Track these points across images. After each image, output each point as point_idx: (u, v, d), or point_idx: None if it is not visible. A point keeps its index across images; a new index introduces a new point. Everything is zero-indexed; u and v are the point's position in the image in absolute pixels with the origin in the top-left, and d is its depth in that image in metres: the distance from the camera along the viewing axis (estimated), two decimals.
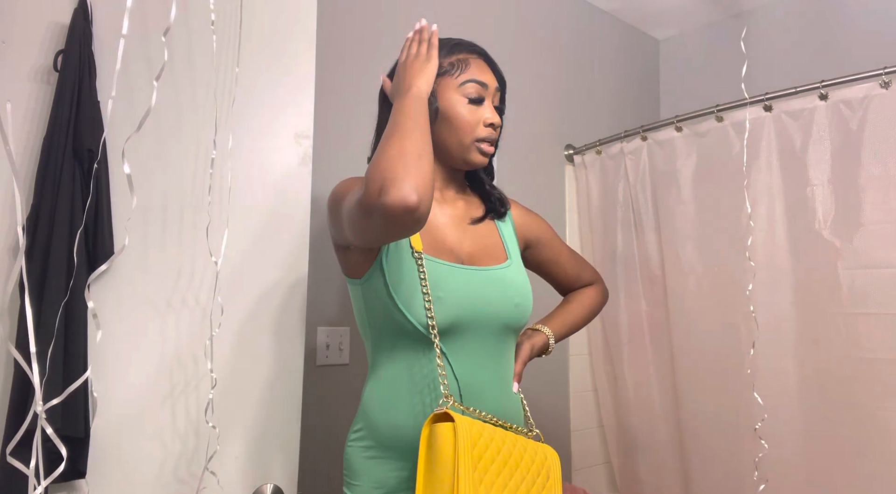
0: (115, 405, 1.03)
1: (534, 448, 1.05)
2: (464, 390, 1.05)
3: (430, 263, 1.06)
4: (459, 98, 1.10)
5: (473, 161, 1.13)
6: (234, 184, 1.15)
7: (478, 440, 0.94)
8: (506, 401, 1.12)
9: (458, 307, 1.05)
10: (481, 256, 1.15)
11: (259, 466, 1.16)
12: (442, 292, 1.04)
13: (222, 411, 1.11)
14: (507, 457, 0.97)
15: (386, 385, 1.08)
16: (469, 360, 1.07)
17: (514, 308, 1.12)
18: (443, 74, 1.11)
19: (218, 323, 1.10)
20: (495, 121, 1.12)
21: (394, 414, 1.06)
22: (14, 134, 0.97)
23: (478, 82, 1.11)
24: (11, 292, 0.94)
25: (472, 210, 1.21)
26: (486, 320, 1.08)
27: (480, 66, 1.13)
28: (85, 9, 1.03)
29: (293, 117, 1.26)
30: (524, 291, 1.15)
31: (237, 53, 1.18)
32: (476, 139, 1.11)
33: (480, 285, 1.09)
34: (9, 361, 0.94)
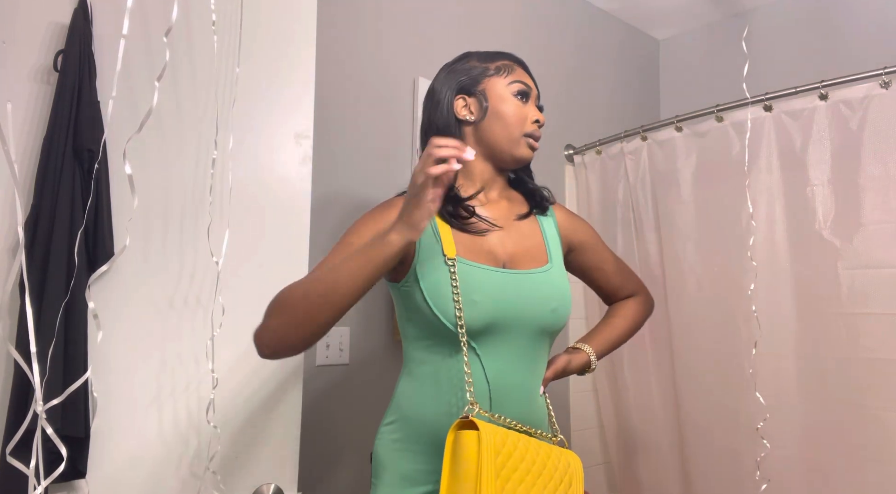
0: (115, 405, 1.03)
1: (557, 454, 1.05)
2: (493, 392, 1.06)
3: (464, 267, 1.07)
4: (509, 96, 1.16)
5: (522, 155, 1.16)
6: (234, 185, 1.15)
7: (501, 448, 0.95)
8: (533, 405, 1.13)
9: (494, 310, 1.06)
10: (522, 258, 1.15)
11: (259, 466, 1.16)
12: (476, 295, 1.06)
13: (223, 411, 1.11)
14: (531, 465, 0.99)
15: (419, 382, 1.11)
16: (501, 363, 1.08)
17: (551, 313, 1.12)
18: (491, 75, 1.17)
19: (219, 323, 1.10)
20: (541, 119, 1.18)
21: (423, 411, 1.09)
22: (14, 134, 0.96)
23: (523, 82, 1.17)
24: (11, 292, 0.94)
25: (515, 208, 1.22)
26: (522, 324, 1.09)
27: (522, 72, 1.19)
28: (85, 9, 1.03)
29: (293, 117, 1.26)
30: (562, 296, 1.15)
31: (238, 54, 1.18)
32: (525, 133, 1.15)
33: (517, 289, 1.10)
34: (9, 361, 0.94)
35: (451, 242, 1.10)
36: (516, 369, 1.10)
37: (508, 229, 1.17)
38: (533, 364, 1.13)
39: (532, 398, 1.13)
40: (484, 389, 1.06)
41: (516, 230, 1.18)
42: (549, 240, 1.22)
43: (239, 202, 1.16)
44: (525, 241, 1.18)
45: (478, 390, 1.05)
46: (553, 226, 1.25)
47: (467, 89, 1.17)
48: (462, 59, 1.21)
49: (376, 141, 1.86)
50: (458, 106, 1.16)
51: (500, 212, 1.19)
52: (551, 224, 1.25)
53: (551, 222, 1.25)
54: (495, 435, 0.96)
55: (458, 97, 1.17)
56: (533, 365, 1.13)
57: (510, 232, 1.17)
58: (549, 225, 1.24)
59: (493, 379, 1.07)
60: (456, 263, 1.07)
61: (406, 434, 1.11)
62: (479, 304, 1.05)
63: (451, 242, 1.09)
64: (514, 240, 1.16)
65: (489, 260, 1.11)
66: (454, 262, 1.07)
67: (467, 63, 1.19)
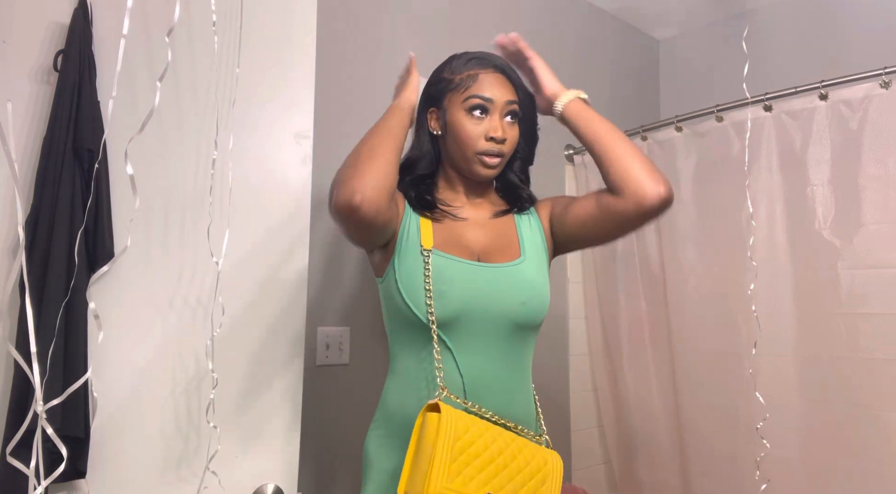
0: (116, 405, 1.03)
1: (532, 451, 1.05)
2: (468, 384, 1.07)
3: (438, 259, 1.11)
4: (462, 112, 1.15)
5: (477, 173, 1.17)
6: (234, 185, 1.15)
7: (463, 433, 0.97)
8: (514, 400, 1.12)
9: (460, 300, 1.08)
10: (495, 252, 1.16)
11: (259, 466, 1.16)
12: (444, 286, 1.08)
13: (223, 411, 1.11)
14: (496, 456, 0.99)
15: (399, 376, 1.14)
16: (475, 356, 1.09)
17: (520, 305, 1.11)
18: (451, 90, 1.17)
19: (219, 323, 1.10)
20: (496, 134, 1.13)
21: (404, 406, 1.11)
22: (14, 134, 0.96)
23: (480, 97, 1.14)
24: (11, 292, 0.94)
25: (492, 205, 1.24)
26: (491, 316, 1.09)
27: (490, 81, 1.16)
28: (85, 9, 1.03)
29: (293, 117, 1.26)
30: (534, 290, 1.14)
31: (238, 54, 1.18)
32: (477, 152, 1.14)
33: (485, 281, 1.11)
34: (9, 361, 0.94)
35: (430, 235, 1.14)
36: (491, 363, 1.10)
37: (485, 225, 1.19)
38: (510, 358, 1.13)
39: (512, 392, 1.12)
40: (457, 382, 1.07)
41: (492, 226, 1.20)
42: (525, 235, 1.21)
43: (239, 202, 1.16)
44: (500, 237, 1.19)
45: (452, 383, 1.06)
46: (535, 222, 1.25)
47: (436, 102, 1.20)
48: (442, 67, 1.22)
49: None
50: (430, 118, 1.21)
51: (480, 211, 1.22)
52: (531, 220, 1.25)
53: (532, 219, 1.25)
54: (459, 420, 0.97)
55: (430, 110, 1.21)
56: (510, 359, 1.13)
57: (486, 228, 1.19)
58: (526, 222, 1.24)
59: (467, 372, 1.07)
60: (431, 254, 1.10)
61: (390, 430, 1.12)
62: (446, 294, 1.07)
63: (429, 235, 1.14)
64: (489, 236, 1.18)
65: (464, 253, 1.14)
66: (429, 253, 1.10)
67: (442, 73, 1.21)
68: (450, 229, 1.17)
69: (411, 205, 1.19)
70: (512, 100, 1.17)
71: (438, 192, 1.23)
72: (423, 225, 1.16)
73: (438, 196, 1.22)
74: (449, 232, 1.16)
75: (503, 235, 1.20)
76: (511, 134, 1.17)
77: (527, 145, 1.26)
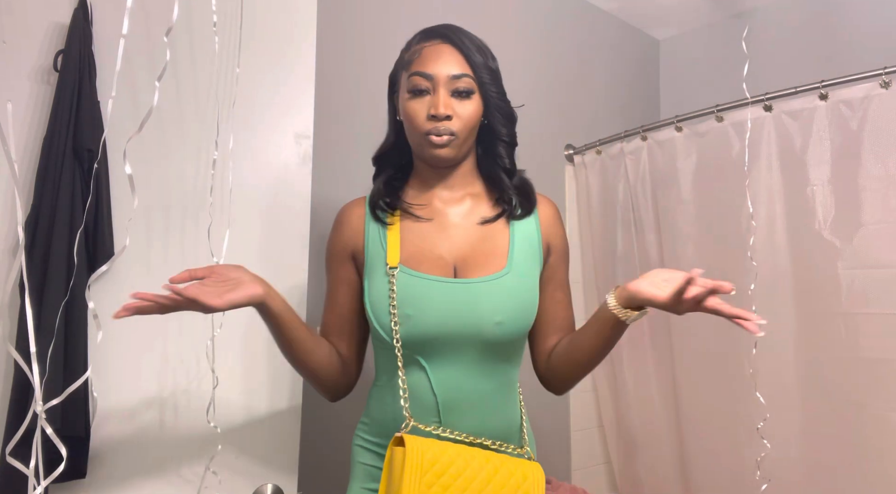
0: (116, 405, 1.03)
1: (511, 468, 0.99)
2: (442, 404, 1.01)
3: (405, 278, 1.03)
4: (405, 94, 1.06)
5: (428, 155, 1.06)
6: (235, 185, 1.15)
7: (432, 465, 0.93)
8: (495, 416, 1.05)
9: (427, 325, 1.00)
10: (475, 264, 1.05)
11: (259, 466, 1.16)
12: (411, 309, 1.00)
13: (223, 411, 1.11)
14: (471, 480, 0.94)
15: (379, 389, 1.11)
16: (451, 375, 1.02)
17: (495, 326, 1.02)
18: (403, 69, 1.08)
19: (219, 323, 1.10)
20: (437, 112, 1.01)
21: (384, 417, 1.08)
22: (14, 134, 0.96)
23: (419, 74, 1.03)
24: (11, 292, 0.94)
25: (481, 208, 1.11)
26: (463, 338, 1.01)
27: (432, 54, 1.04)
28: (85, 9, 1.03)
29: (293, 117, 1.27)
30: (515, 307, 1.04)
31: (238, 54, 1.18)
32: (424, 133, 1.03)
33: (457, 301, 1.02)
34: (9, 361, 0.94)
35: (397, 248, 1.05)
36: (468, 382, 1.03)
37: (468, 229, 1.09)
38: (491, 373, 1.05)
39: (492, 408, 1.05)
40: (430, 402, 1.01)
41: (476, 232, 1.08)
42: (517, 241, 1.09)
43: (239, 202, 1.16)
44: (484, 244, 1.07)
45: (424, 403, 1.01)
46: (534, 226, 1.12)
47: (395, 87, 1.12)
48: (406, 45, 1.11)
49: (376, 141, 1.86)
50: (396, 103, 1.11)
51: (461, 210, 1.11)
52: (529, 224, 1.12)
53: (530, 222, 1.12)
54: (427, 452, 0.93)
55: (395, 95, 1.12)
56: (491, 374, 1.05)
57: (467, 234, 1.08)
58: (523, 227, 1.11)
59: (442, 392, 1.01)
60: (396, 273, 1.03)
61: (374, 435, 1.10)
62: (413, 319, 1.00)
63: (396, 249, 1.05)
64: (471, 243, 1.07)
65: (436, 266, 1.04)
66: (394, 272, 1.03)
67: (402, 53, 1.10)
68: (423, 235, 1.07)
69: (373, 214, 1.10)
70: (458, 74, 1.03)
71: (410, 189, 1.13)
72: (391, 236, 1.07)
73: (410, 193, 1.12)
74: (421, 240, 1.07)
75: (488, 241, 1.08)
76: (462, 110, 1.03)
77: (505, 125, 1.10)
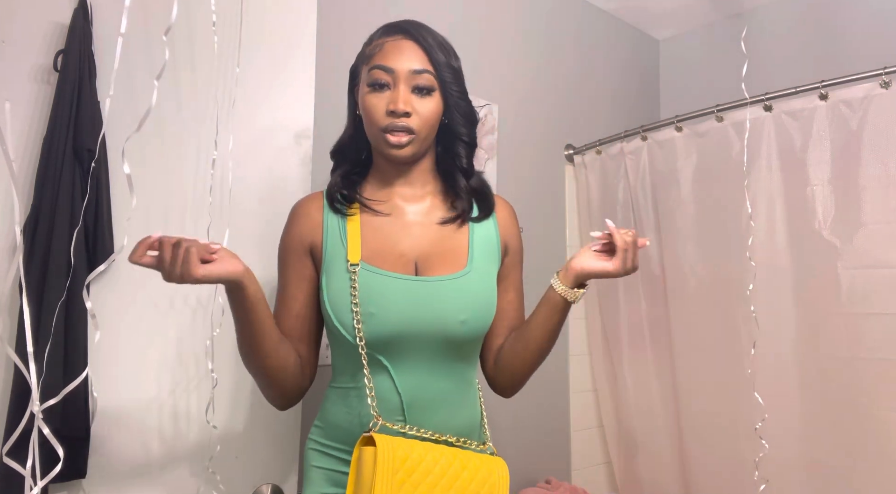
0: (115, 405, 1.03)
1: (476, 464, 0.99)
2: (407, 405, 1.00)
3: (366, 275, 1.00)
4: (365, 88, 1.02)
5: (387, 153, 1.03)
6: (234, 185, 1.15)
7: (402, 463, 0.93)
8: (458, 414, 1.05)
9: (390, 323, 0.98)
10: (436, 262, 1.05)
11: (259, 466, 1.16)
12: (373, 308, 0.98)
13: (223, 411, 1.11)
14: (439, 477, 0.94)
15: (336, 391, 1.07)
16: (415, 375, 1.01)
17: (460, 325, 1.01)
18: (363, 63, 1.05)
19: (219, 323, 1.10)
20: (396, 107, 0.98)
21: (339, 421, 1.04)
22: (14, 134, 0.96)
23: (379, 67, 1.01)
24: (11, 292, 0.94)
25: (439, 209, 1.10)
26: (427, 337, 1.00)
27: (393, 49, 1.02)
28: (85, 9, 1.03)
29: (293, 117, 1.27)
30: (477, 305, 1.03)
31: (238, 54, 1.18)
32: (381, 129, 1.00)
33: (420, 299, 1.00)
34: (9, 361, 0.94)
35: (358, 245, 1.03)
36: (432, 381, 1.02)
37: (426, 228, 1.07)
38: (453, 372, 1.05)
39: (455, 406, 1.05)
40: (395, 402, 1.00)
41: (436, 231, 1.07)
42: (476, 241, 1.09)
43: (239, 202, 1.16)
44: (445, 243, 1.07)
45: (389, 403, 1.00)
46: (492, 225, 1.12)
47: (355, 79, 1.08)
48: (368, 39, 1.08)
49: None
50: (356, 95, 1.08)
51: (421, 208, 1.09)
52: (488, 225, 1.12)
53: (489, 222, 1.12)
54: (396, 450, 0.93)
55: (355, 88, 1.08)
56: (453, 373, 1.05)
57: (427, 232, 1.07)
58: (482, 228, 1.11)
59: (406, 391, 1.00)
60: (358, 270, 1.00)
61: (331, 439, 1.06)
62: (376, 317, 0.98)
63: (357, 245, 1.03)
64: (431, 242, 1.06)
65: (398, 264, 1.03)
66: (356, 269, 1.00)
67: (364, 47, 1.07)
68: (384, 231, 1.06)
69: (332, 207, 1.07)
70: (419, 70, 1.01)
71: (368, 184, 1.10)
72: (351, 231, 1.04)
73: (368, 188, 1.10)
74: (383, 237, 1.05)
75: (448, 240, 1.07)
76: (422, 107, 1.01)
77: (465, 125, 1.08)
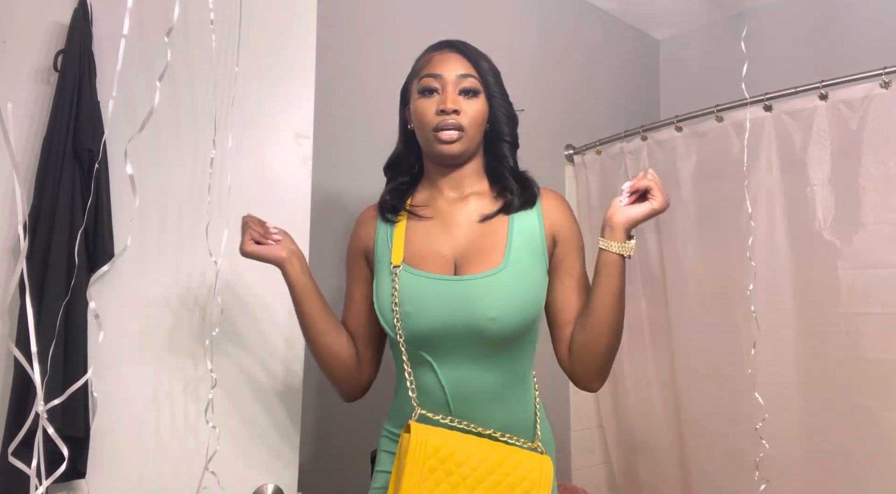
0: (115, 405, 1.03)
1: (519, 459, 1.02)
2: (452, 397, 1.05)
3: (406, 276, 1.08)
4: (416, 95, 1.12)
5: (436, 151, 1.11)
6: (233, 184, 1.15)
7: (435, 451, 0.98)
8: (505, 409, 1.08)
9: (426, 321, 1.05)
10: (473, 261, 1.09)
11: (259, 466, 1.16)
12: (410, 307, 1.05)
13: (222, 411, 1.11)
14: (474, 468, 0.99)
15: (398, 384, 1.14)
16: (457, 369, 1.06)
17: (490, 322, 1.03)
18: (413, 78, 1.16)
19: (218, 323, 1.10)
20: (445, 106, 1.08)
21: (401, 408, 1.12)
22: (14, 134, 0.96)
23: (429, 75, 1.11)
24: (13, 292, 0.94)
25: (483, 206, 1.14)
26: (461, 333, 1.04)
27: (441, 59, 1.12)
28: (85, 9, 1.03)
29: (293, 117, 1.26)
30: (509, 303, 1.04)
31: (237, 53, 1.18)
32: (433, 129, 1.09)
33: (452, 298, 1.05)
34: (9, 361, 0.94)
35: (401, 248, 1.11)
36: (475, 375, 1.06)
37: (469, 226, 1.12)
38: (498, 366, 1.07)
39: (502, 400, 1.08)
40: (440, 395, 1.05)
41: (477, 229, 1.12)
42: (515, 235, 1.11)
43: (238, 202, 1.16)
44: (483, 240, 1.11)
45: (435, 396, 1.06)
46: (535, 219, 1.13)
47: (405, 98, 1.19)
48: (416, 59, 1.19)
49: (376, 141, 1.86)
50: (407, 116, 1.18)
51: (465, 209, 1.14)
52: (530, 218, 1.13)
53: (531, 216, 1.14)
54: (432, 438, 0.99)
55: (406, 108, 1.19)
56: (498, 367, 1.07)
57: (470, 229, 1.12)
58: (523, 220, 1.13)
59: (450, 385, 1.05)
60: (399, 272, 1.09)
61: (394, 426, 1.14)
62: (412, 316, 1.05)
63: (400, 248, 1.11)
64: (471, 241, 1.11)
65: (437, 265, 1.09)
66: (397, 271, 1.09)
67: (413, 66, 1.18)
68: (427, 234, 1.12)
69: (382, 216, 1.17)
70: (465, 74, 1.11)
71: (418, 193, 1.19)
72: (397, 235, 1.13)
73: (418, 196, 1.18)
74: (425, 238, 1.12)
75: (488, 237, 1.11)
76: (469, 107, 1.10)
77: (508, 125, 1.16)
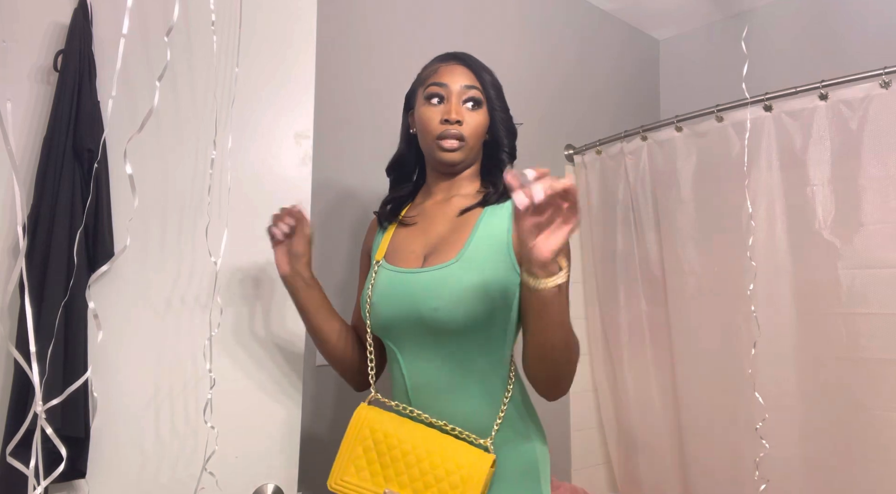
0: (115, 405, 1.03)
1: (452, 453, 1.00)
2: (411, 389, 1.10)
3: (382, 271, 1.15)
4: (421, 102, 1.17)
5: (441, 158, 1.15)
6: (233, 184, 1.15)
7: (371, 433, 1.06)
8: (458, 402, 1.06)
9: (383, 312, 1.12)
10: (436, 254, 1.11)
11: (259, 466, 1.16)
12: (377, 298, 1.13)
13: (222, 411, 1.11)
14: (404, 453, 1.03)
15: None
16: (416, 360, 1.10)
17: (432, 312, 1.04)
18: (418, 86, 1.20)
19: (217, 323, 1.10)
20: (450, 116, 1.12)
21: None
22: (14, 133, 0.96)
23: (435, 84, 1.16)
24: (12, 292, 0.94)
25: (466, 203, 1.16)
26: (413, 323, 1.08)
27: (447, 70, 1.17)
28: (85, 9, 1.03)
29: (293, 117, 1.26)
30: (452, 293, 1.04)
31: (237, 53, 1.18)
32: (435, 137, 1.13)
33: (406, 290, 1.09)
34: (9, 361, 0.94)
35: (385, 246, 1.19)
36: (433, 367, 1.08)
37: (447, 222, 1.15)
38: (454, 360, 1.07)
39: (456, 393, 1.07)
40: (402, 384, 1.12)
41: (450, 224, 1.15)
42: (480, 232, 1.10)
43: (238, 202, 1.16)
44: (451, 235, 1.12)
45: (399, 385, 1.13)
46: (506, 216, 1.11)
47: (410, 103, 1.24)
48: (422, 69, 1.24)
49: (376, 141, 1.86)
50: (410, 121, 1.23)
51: (447, 209, 1.16)
52: (501, 214, 1.12)
53: (503, 211, 1.12)
54: (373, 421, 1.08)
55: (410, 113, 1.24)
56: (454, 361, 1.07)
57: (443, 226, 1.15)
58: (494, 215, 1.12)
59: (410, 375, 1.11)
60: (377, 267, 1.17)
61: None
62: (375, 306, 1.13)
63: (384, 246, 1.19)
64: (440, 234, 1.14)
65: (409, 260, 1.14)
66: (376, 267, 1.17)
67: (419, 75, 1.23)
68: (408, 233, 1.19)
69: (379, 222, 1.25)
70: (470, 85, 1.15)
71: (415, 201, 1.25)
72: (386, 235, 1.21)
73: (413, 205, 1.24)
74: (405, 237, 1.18)
75: (456, 231, 1.12)
76: (471, 118, 1.14)
77: (507, 136, 1.20)
